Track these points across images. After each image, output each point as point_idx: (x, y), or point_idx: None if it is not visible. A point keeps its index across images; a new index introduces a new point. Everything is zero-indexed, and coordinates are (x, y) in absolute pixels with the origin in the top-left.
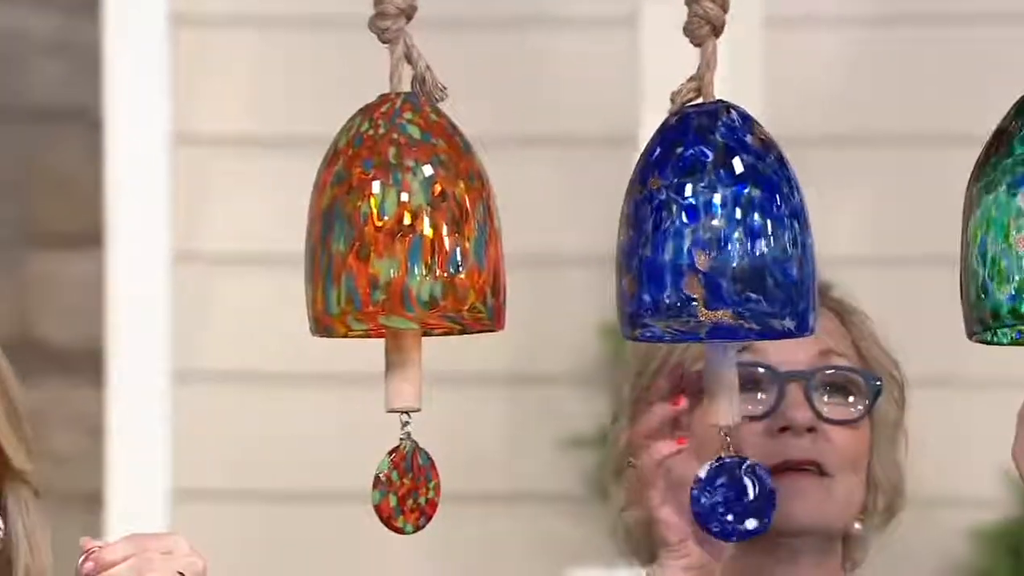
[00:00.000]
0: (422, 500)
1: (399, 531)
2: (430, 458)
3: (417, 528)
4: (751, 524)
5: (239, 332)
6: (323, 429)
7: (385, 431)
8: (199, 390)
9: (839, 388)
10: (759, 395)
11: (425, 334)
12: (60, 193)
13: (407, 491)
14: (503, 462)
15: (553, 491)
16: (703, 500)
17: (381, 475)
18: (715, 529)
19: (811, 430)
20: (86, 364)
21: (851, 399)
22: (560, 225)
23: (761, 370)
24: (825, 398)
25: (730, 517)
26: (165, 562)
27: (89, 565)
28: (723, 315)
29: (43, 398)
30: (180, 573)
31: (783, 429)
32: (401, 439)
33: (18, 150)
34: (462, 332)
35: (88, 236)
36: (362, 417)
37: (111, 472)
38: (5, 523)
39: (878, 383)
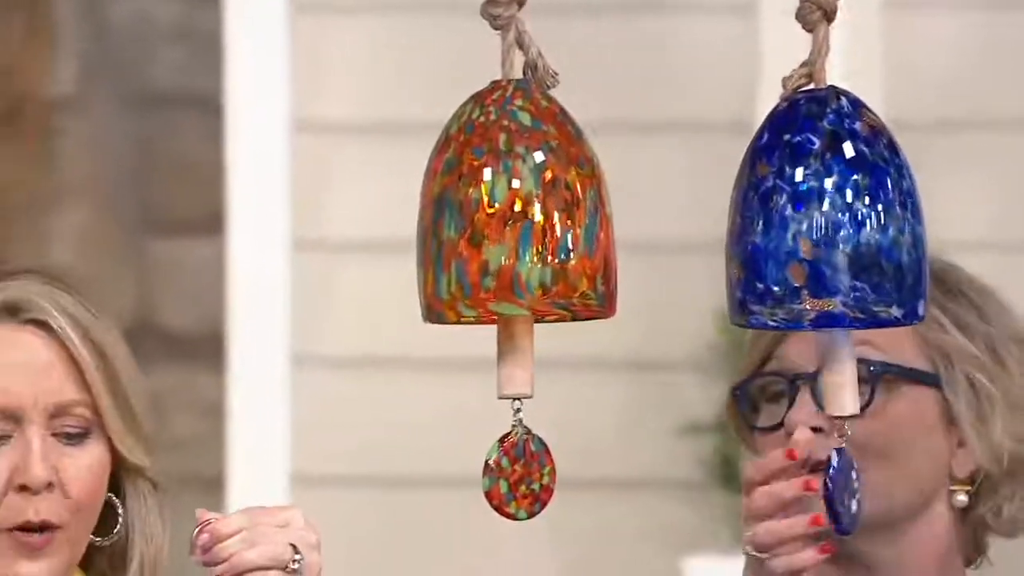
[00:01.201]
0: (536, 486)
1: (511, 517)
2: (544, 444)
3: (531, 514)
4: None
5: (358, 317)
6: (441, 414)
7: (505, 415)
8: (318, 375)
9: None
10: (778, 404)
11: (536, 320)
12: (181, 179)
13: (519, 477)
14: (619, 449)
15: (669, 478)
16: (835, 481)
17: (491, 461)
18: (840, 510)
19: (818, 430)
20: (207, 349)
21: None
22: (678, 211)
23: (778, 379)
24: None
25: (853, 506)
26: (278, 534)
27: (204, 537)
28: (829, 303)
29: (164, 383)
30: (293, 545)
31: (790, 435)
32: (513, 426)
33: (140, 137)
34: (573, 319)
35: (209, 222)
36: (480, 402)
37: (232, 456)
38: (124, 514)
39: (873, 369)
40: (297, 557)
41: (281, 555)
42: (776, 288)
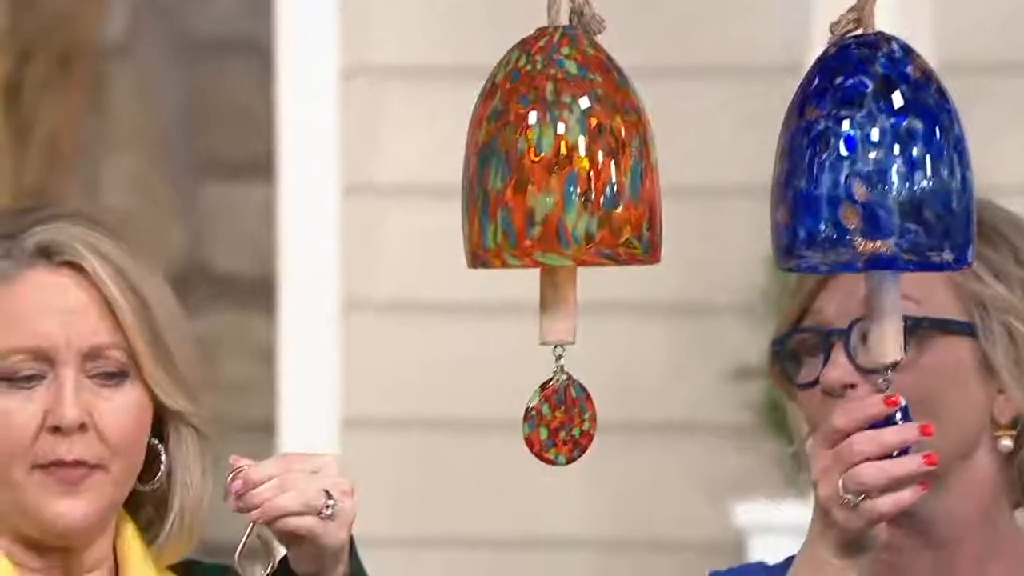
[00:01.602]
0: (576, 432)
1: (551, 463)
2: (585, 390)
3: (570, 460)
4: None
5: (407, 261)
6: (489, 357)
7: (551, 358)
8: (368, 319)
9: None
10: (816, 359)
11: (581, 265)
12: (232, 124)
13: (559, 424)
14: (667, 394)
15: (718, 423)
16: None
17: (531, 408)
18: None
19: (852, 386)
20: (258, 293)
21: None
22: (727, 155)
23: (814, 334)
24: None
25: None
26: (311, 481)
27: (237, 483)
28: (881, 246)
29: (216, 327)
30: (326, 491)
31: (827, 392)
32: (554, 372)
33: (191, 83)
34: (617, 266)
35: (260, 166)
36: (528, 345)
37: (282, 400)
38: (166, 459)
39: (906, 322)
40: (330, 503)
41: (314, 501)
42: (828, 231)
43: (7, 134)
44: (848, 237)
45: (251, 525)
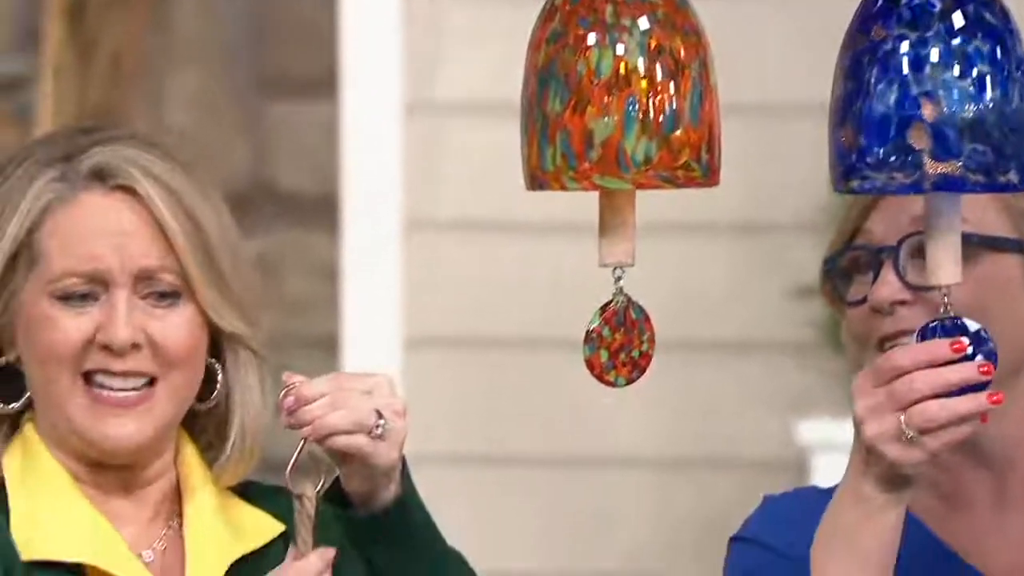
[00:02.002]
0: (635, 353)
1: (611, 384)
2: (644, 311)
3: (630, 381)
4: None
5: (470, 180)
6: (551, 276)
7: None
8: (430, 237)
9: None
10: (865, 278)
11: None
12: (295, 41)
13: (619, 345)
14: (728, 312)
15: (780, 340)
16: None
17: (592, 330)
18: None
19: (902, 303)
20: (320, 210)
21: None
22: (789, 73)
23: (864, 252)
24: (917, 263)
25: None
26: (363, 400)
27: (290, 400)
28: (950, 166)
29: (279, 245)
30: (377, 411)
31: (876, 310)
32: (614, 294)
33: None
34: (676, 189)
35: (323, 83)
36: (590, 264)
37: (345, 318)
38: (224, 380)
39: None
40: (381, 423)
41: (364, 420)
42: (896, 153)
43: (71, 53)
44: (916, 159)
45: (302, 442)
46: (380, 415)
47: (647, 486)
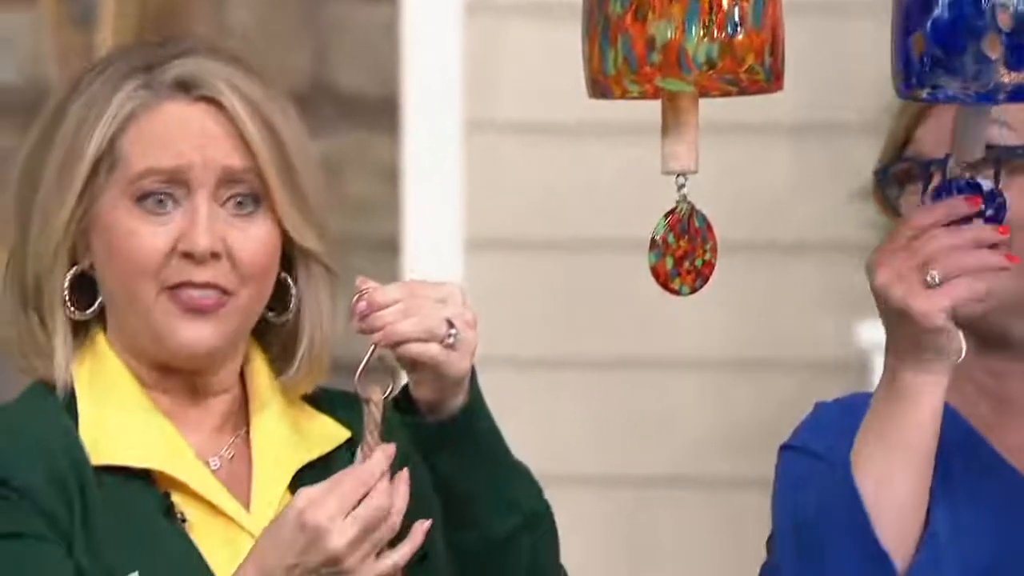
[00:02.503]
0: (698, 262)
1: (675, 293)
2: (706, 220)
3: (693, 290)
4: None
5: (531, 82)
6: (612, 178)
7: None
8: (491, 139)
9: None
10: (915, 188)
11: (702, 95)
12: None
13: (683, 253)
14: (792, 212)
15: (843, 241)
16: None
17: (657, 238)
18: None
19: None
20: (381, 112)
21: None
22: None
23: (913, 164)
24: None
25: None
26: (435, 309)
27: (362, 305)
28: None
29: (339, 146)
30: (449, 321)
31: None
32: (677, 201)
33: None
34: (739, 94)
35: None
36: (652, 166)
37: (406, 219)
38: (296, 294)
39: (1000, 153)
40: (453, 332)
41: (436, 329)
42: (971, 62)
43: None
44: (991, 67)
45: (373, 347)
46: (452, 325)
47: (707, 388)
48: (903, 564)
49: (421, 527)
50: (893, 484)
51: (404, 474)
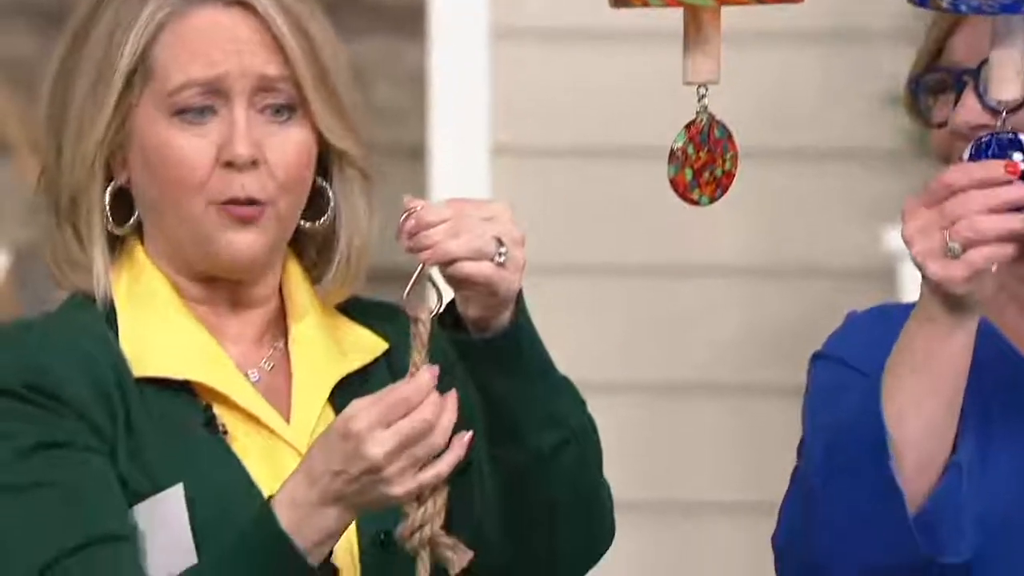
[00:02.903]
0: (719, 172)
1: (694, 203)
2: (727, 130)
3: (713, 200)
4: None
5: None
6: (638, 86)
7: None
8: (518, 46)
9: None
10: (948, 98)
11: (721, 2)
12: None
13: (703, 164)
14: (820, 119)
15: (871, 147)
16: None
17: (676, 149)
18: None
19: (982, 127)
20: (408, 18)
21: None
22: None
23: (946, 74)
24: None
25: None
26: (483, 227)
27: (410, 223)
28: None
29: (366, 51)
30: (498, 239)
31: (956, 133)
32: (698, 113)
33: None
34: (759, 3)
35: None
36: (676, 73)
37: (433, 126)
38: (332, 199)
39: None
40: (502, 250)
41: (484, 248)
42: None
43: None
44: None
45: (421, 266)
46: (501, 243)
47: (735, 294)
48: (922, 494)
49: (461, 439)
50: (917, 414)
51: (453, 394)
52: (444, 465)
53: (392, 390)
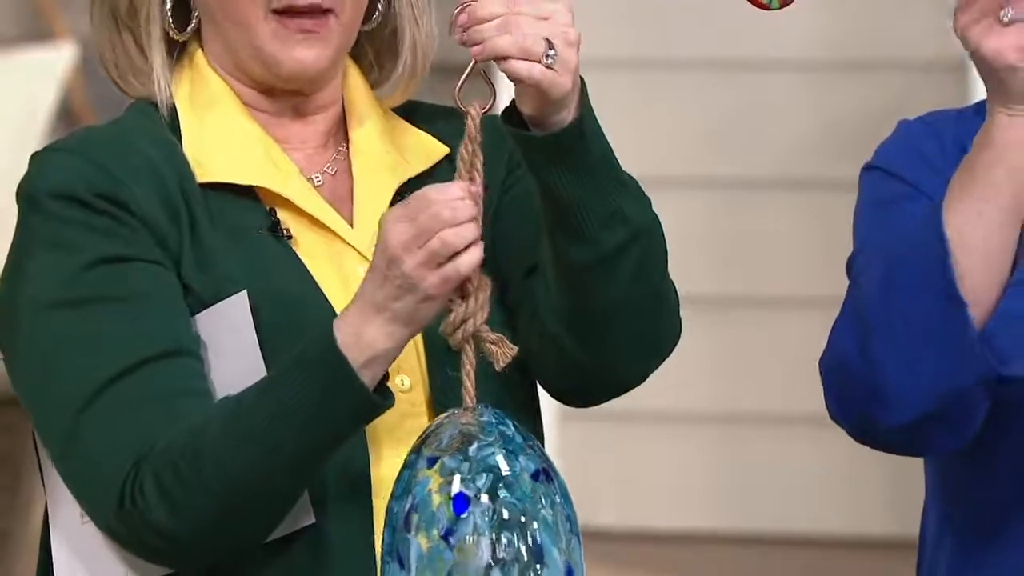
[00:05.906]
0: None
1: (765, 7)
2: None
3: (783, 4)
4: None
5: None
6: None
7: None
8: None
9: None
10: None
11: None
12: None
13: None
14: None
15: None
16: None
17: None
18: None
19: None
20: None
21: None
22: None
23: None
24: None
25: None
26: (536, 26)
27: (463, 17)
28: None
29: None
30: (548, 40)
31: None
32: None
33: None
34: None
35: None
36: None
37: None
38: (391, 2)
39: None
40: (551, 52)
41: (532, 48)
42: None
43: None
44: None
45: (473, 62)
46: (551, 44)
47: (807, 89)
48: (985, 310)
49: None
50: (978, 232)
51: (474, 188)
52: (462, 263)
53: (424, 189)
